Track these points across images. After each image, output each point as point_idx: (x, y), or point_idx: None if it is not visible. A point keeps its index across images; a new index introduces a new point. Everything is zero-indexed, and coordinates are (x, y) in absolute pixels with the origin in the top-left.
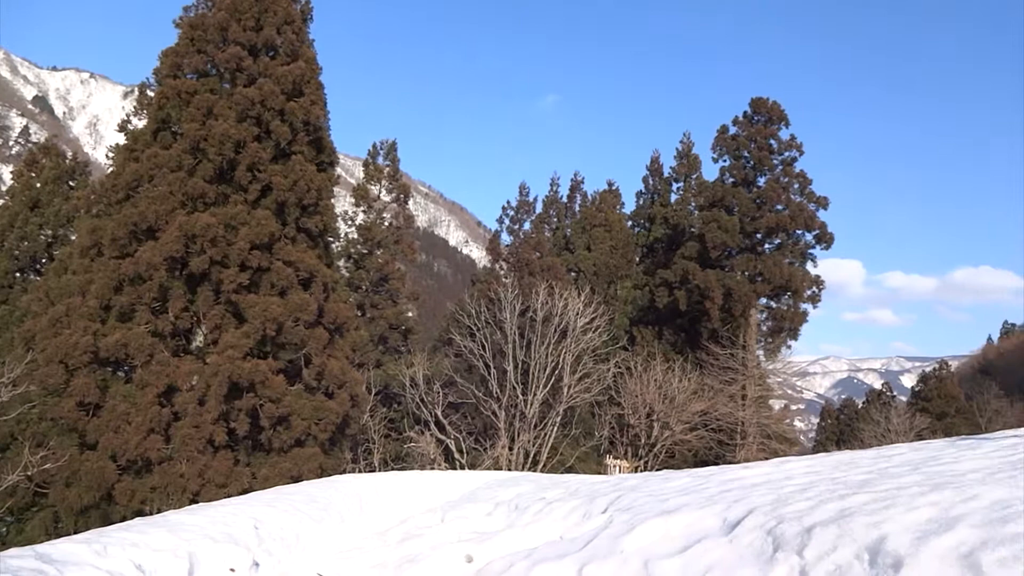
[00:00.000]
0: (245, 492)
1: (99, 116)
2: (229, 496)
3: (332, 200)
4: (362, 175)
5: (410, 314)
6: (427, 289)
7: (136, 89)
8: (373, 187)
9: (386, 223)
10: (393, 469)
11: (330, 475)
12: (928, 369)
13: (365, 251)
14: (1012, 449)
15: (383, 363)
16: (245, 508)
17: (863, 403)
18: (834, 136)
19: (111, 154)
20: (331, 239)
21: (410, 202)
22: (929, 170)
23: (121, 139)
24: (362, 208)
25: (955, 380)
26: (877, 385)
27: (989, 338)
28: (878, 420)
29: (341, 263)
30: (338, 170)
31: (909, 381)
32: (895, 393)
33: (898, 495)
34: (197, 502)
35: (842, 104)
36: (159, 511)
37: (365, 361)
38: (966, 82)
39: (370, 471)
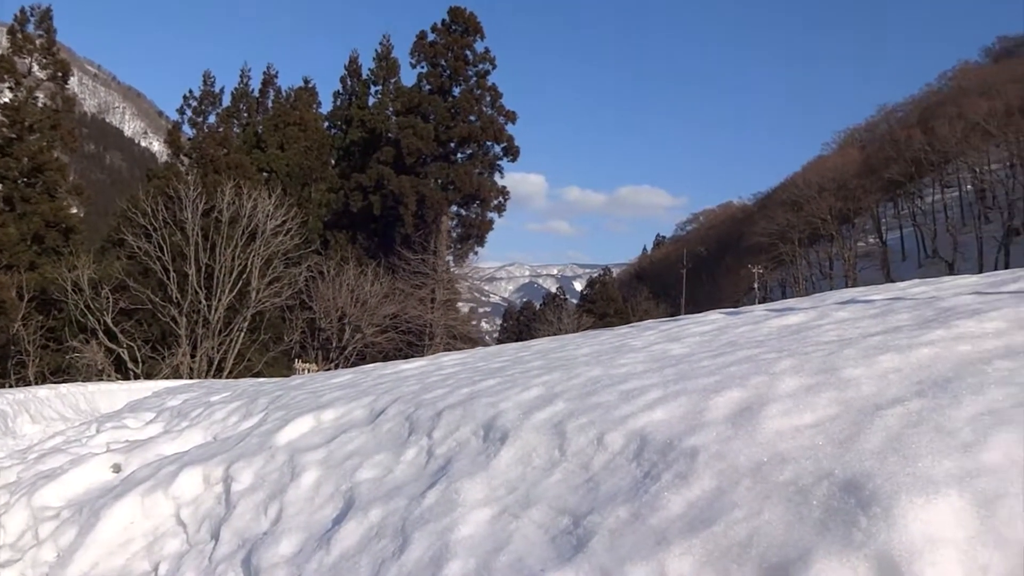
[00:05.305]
0: None
1: None
2: None
3: None
4: (7, 45)
5: (73, 210)
6: (97, 184)
7: None
8: (22, 60)
9: (40, 104)
10: (52, 383)
11: None
12: (595, 275)
13: (13, 135)
14: (621, 338)
15: (39, 265)
16: None
17: (540, 305)
18: (526, 55)
19: None
20: None
21: (73, 82)
22: (601, 95)
23: None
24: (8, 84)
25: (615, 285)
26: (554, 289)
27: (644, 248)
28: (552, 320)
29: None
30: None
31: (580, 285)
32: (567, 296)
33: (520, 378)
34: None
35: (534, 26)
36: None
37: (15, 263)
38: (637, 18)
39: (24, 386)
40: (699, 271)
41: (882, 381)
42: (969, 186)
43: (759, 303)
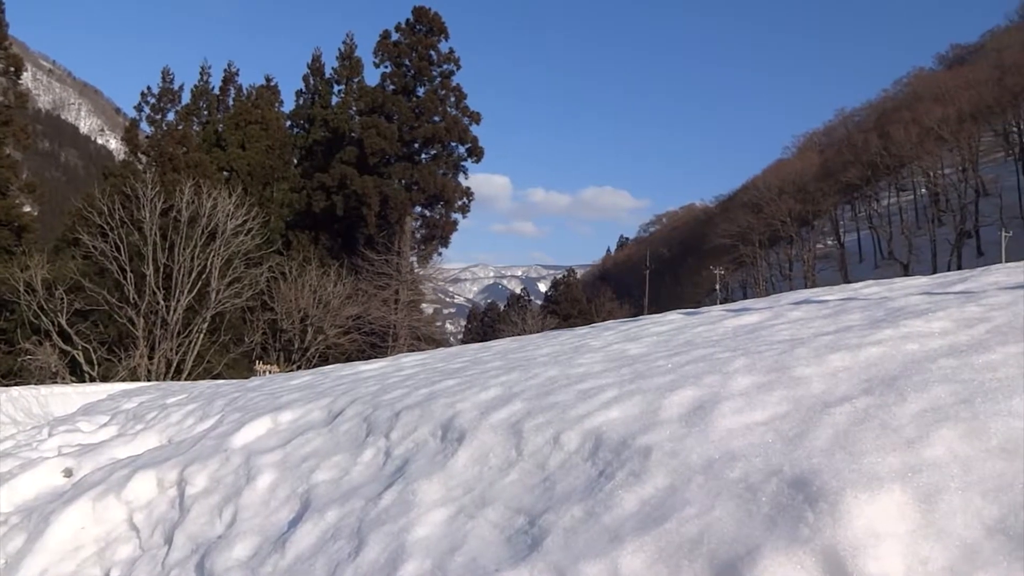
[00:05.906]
0: None
1: None
2: None
3: None
4: None
5: (26, 209)
6: (51, 181)
7: None
8: None
9: None
10: (3, 386)
11: None
12: (559, 276)
13: None
14: (581, 338)
15: None
16: None
17: (505, 307)
18: (491, 56)
19: None
20: None
21: (26, 77)
22: (566, 97)
23: None
24: None
25: (579, 286)
26: (518, 290)
27: (608, 250)
28: (516, 321)
29: None
30: None
31: (545, 286)
32: (532, 297)
33: (478, 378)
34: None
35: (499, 27)
36: None
37: None
38: (600, 23)
39: None
40: (662, 272)
41: (832, 379)
42: (923, 190)
43: (721, 303)
